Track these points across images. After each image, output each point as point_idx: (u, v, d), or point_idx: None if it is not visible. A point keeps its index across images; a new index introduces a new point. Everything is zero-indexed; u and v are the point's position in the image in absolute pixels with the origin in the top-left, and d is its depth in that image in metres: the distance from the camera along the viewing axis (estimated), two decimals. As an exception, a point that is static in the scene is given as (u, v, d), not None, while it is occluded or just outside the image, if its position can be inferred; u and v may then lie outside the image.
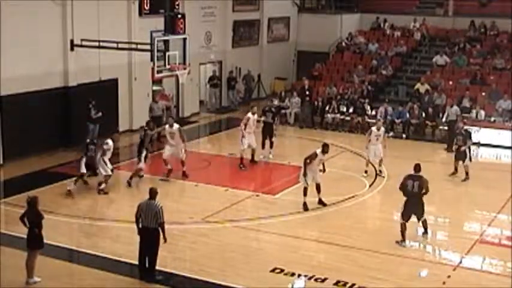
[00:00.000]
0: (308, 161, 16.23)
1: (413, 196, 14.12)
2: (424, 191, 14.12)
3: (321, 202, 16.53)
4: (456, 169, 19.25)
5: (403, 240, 14.24)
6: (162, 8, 23.74)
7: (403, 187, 14.25)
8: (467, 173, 19.00)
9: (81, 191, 17.47)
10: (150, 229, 12.24)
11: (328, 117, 25.87)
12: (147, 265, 12.52)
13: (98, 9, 21.99)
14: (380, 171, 19.28)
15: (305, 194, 16.35)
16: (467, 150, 19.00)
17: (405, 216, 14.24)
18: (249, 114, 19.95)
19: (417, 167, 14.45)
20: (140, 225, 12.36)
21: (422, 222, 14.55)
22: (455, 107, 23.29)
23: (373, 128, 19.45)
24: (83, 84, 21.93)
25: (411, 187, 14.09)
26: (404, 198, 14.32)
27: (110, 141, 17.44)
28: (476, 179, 19.59)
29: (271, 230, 15.22)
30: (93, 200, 17.01)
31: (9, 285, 12.01)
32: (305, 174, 16.22)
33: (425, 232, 14.69)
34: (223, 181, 18.46)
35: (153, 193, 12.41)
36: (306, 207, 16.28)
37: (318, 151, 16.31)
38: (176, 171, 18.80)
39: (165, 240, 12.39)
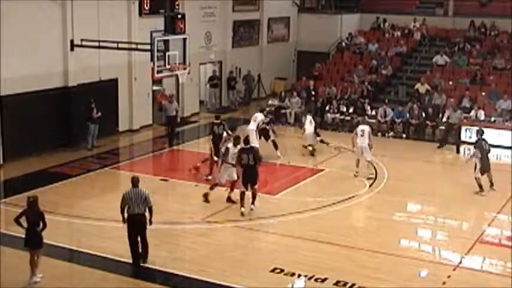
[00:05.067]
0: (223, 158, 16.46)
1: (250, 167, 15.42)
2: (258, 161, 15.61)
3: (229, 200, 16.58)
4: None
5: (242, 206, 15.53)
6: (162, 8, 23.75)
7: (239, 160, 15.49)
8: (491, 183, 18.02)
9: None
10: (140, 215, 12.68)
11: (328, 117, 25.88)
12: (140, 250, 12.90)
13: (98, 9, 21.99)
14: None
15: (212, 189, 16.58)
16: (476, 161, 17.96)
17: (244, 186, 15.54)
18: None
19: (246, 140, 15.93)
20: (127, 214, 12.70)
21: (253, 191, 15.60)
22: (459, 112, 23.11)
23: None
24: (83, 84, 21.93)
25: (247, 160, 15.37)
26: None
27: None
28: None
29: (271, 230, 15.23)
30: (93, 200, 17.01)
31: (9, 285, 12.01)
32: (221, 171, 16.53)
33: (253, 202, 15.71)
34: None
35: (136, 181, 12.83)
36: (207, 200, 16.52)
37: (230, 145, 16.55)
38: (176, 171, 18.82)
39: (150, 223, 12.82)
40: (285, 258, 13.41)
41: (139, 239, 12.87)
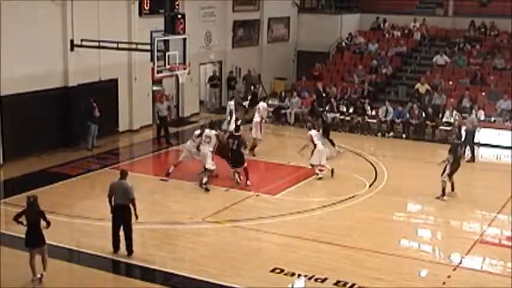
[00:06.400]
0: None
1: (234, 150, 17.83)
2: (243, 146, 18.17)
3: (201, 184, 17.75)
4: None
5: (239, 177, 17.86)
6: (162, 8, 23.76)
7: (228, 145, 17.97)
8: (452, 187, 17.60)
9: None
10: (123, 206, 13.15)
11: (328, 117, 25.85)
12: (122, 240, 13.34)
13: (98, 9, 21.97)
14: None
15: (210, 178, 17.93)
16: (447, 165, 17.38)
17: (233, 165, 17.99)
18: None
19: (237, 128, 18.58)
20: (113, 204, 13.24)
21: (244, 169, 17.85)
22: (472, 117, 22.37)
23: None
24: (83, 84, 21.91)
25: (232, 144, 17.85)
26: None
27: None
28: (476, 179, 19.59)
29: (271, 230, 15.22)
30: (93, 200, 17.00)
31: (9, 285, 12.01)
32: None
33: (247, 179, 17.73)
34: (223, 181, 18.46)
35: (124, 174, 13.49)
36: (206, 188, 17.69)
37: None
38: (175, 171, 18.83)
39: (136, 218, 13.12)
40: (285, 258, 13.41)
41: (122, 232, 13.29)
